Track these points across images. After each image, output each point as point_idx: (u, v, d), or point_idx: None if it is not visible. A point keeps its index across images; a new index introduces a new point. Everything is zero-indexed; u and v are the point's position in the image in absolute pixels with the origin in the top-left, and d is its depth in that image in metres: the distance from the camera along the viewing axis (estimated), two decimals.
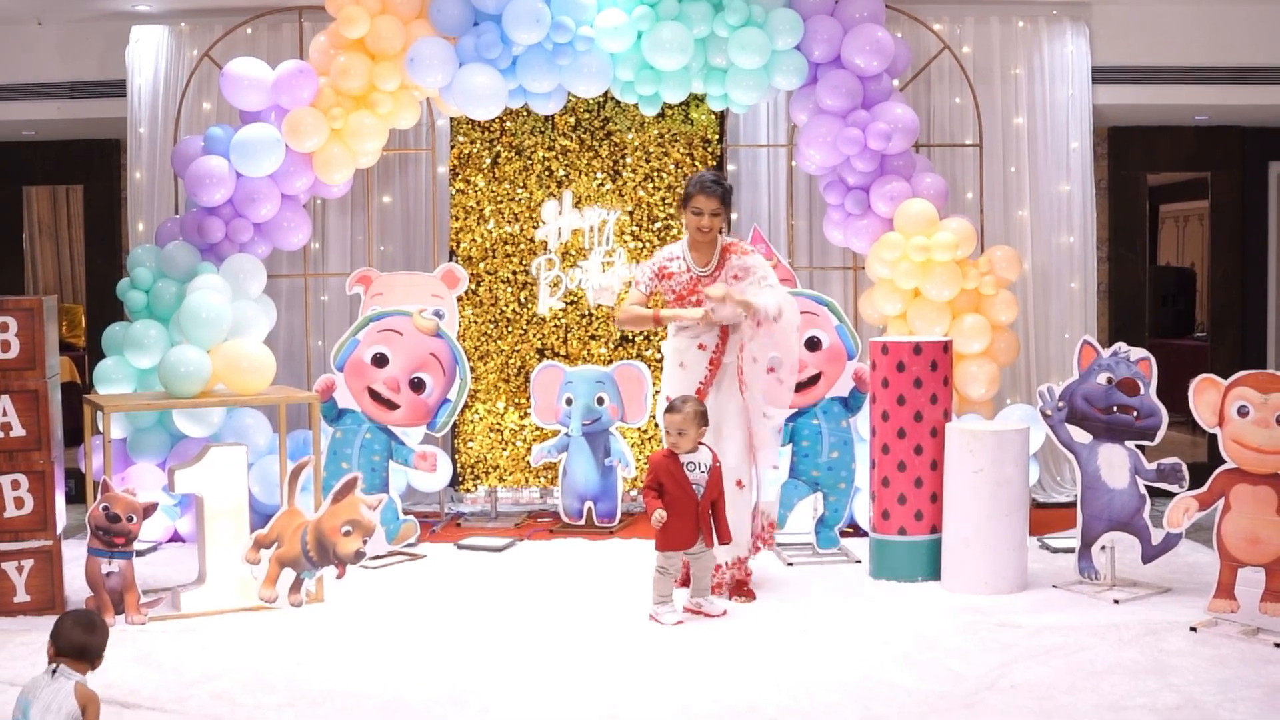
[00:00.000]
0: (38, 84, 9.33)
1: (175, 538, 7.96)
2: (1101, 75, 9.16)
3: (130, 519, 6.14)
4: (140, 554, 7.43)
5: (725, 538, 6.30)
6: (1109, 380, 6.57)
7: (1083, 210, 9.15)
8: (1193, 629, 5.87)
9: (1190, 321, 15.62)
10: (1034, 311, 9.14)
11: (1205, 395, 6.00)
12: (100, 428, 6.89)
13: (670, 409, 6.23)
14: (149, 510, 6.22)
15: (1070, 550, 7.16)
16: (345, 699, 5.10)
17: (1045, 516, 8.23)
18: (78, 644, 4.23)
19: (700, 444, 6.24)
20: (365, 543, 6.48)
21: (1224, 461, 5.96)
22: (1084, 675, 5.29)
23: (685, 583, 6.43)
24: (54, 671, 4.18)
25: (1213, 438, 6.09)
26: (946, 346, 6.96)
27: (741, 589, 6.55)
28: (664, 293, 6.62)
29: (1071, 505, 8.48)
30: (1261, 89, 9.27)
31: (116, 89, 9.23)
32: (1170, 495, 6.33)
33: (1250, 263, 10.44)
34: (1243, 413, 5.85)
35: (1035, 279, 9.12)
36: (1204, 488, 6.01)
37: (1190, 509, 6.07)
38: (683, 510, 6.14)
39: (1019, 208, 9.13)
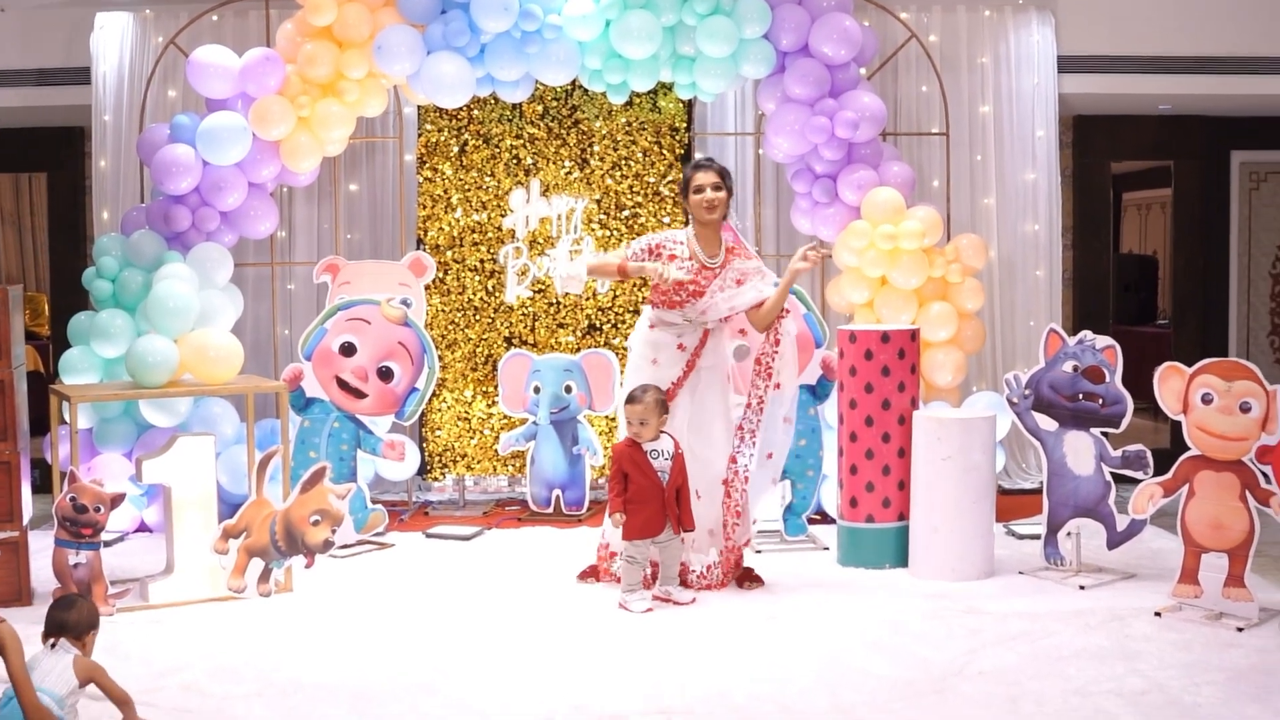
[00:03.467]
0: (1, 71, 9.23)
1: (142, 528, 7.94)
2: (1067, 65, 9.19)
3: (98, 510, 6.10)
4: (107, 544, 7.44)
5: (689, 524, 6.32)
6: (1075, 368, 6.62)
7: (1048, 198, 9.19)
8: (1157, 614, 5.93)
9: (1153, 309, 15.75)
10: (999, 299, 9.18)
11: (1170, 383, 6.05)
12: (67, 418, 6.85)
13: (630, 399, 6.24)
14: (116, 501, 6.19)
15: (1036, 537, 7.21)
16: (315, 689, 5.10)
17: (1011, 503, 8.29)
18: (58, 621, 4.59)
19: (662, 432, 6.25)
20: (334, 532, 6.46)
21: (1187, 448, 6.01)
22: (1051, 661, 5.33)
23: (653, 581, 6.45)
24: (53, 645, 4.55)
25: (1175, 424, 6.15)
26: (914, 334, 6.99)
27: (750, 575, 6.58)
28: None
29: (1036, 492, 8.57)
30: (1224, 79, 9.33)
31: (81, 76, 9.15)
32: (1135, 482, 6.38)
33: (1212, 251, 10.52)
34: (1207, 400, 5.90)
35: (1001, 267, 9.16)
36: (1168, 474, 6.06)
37: (1155, 495, 6.12)
38: (649, 498, 6.16)
39: (985, 196, 9.17)
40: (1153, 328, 14.06)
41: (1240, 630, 5.68)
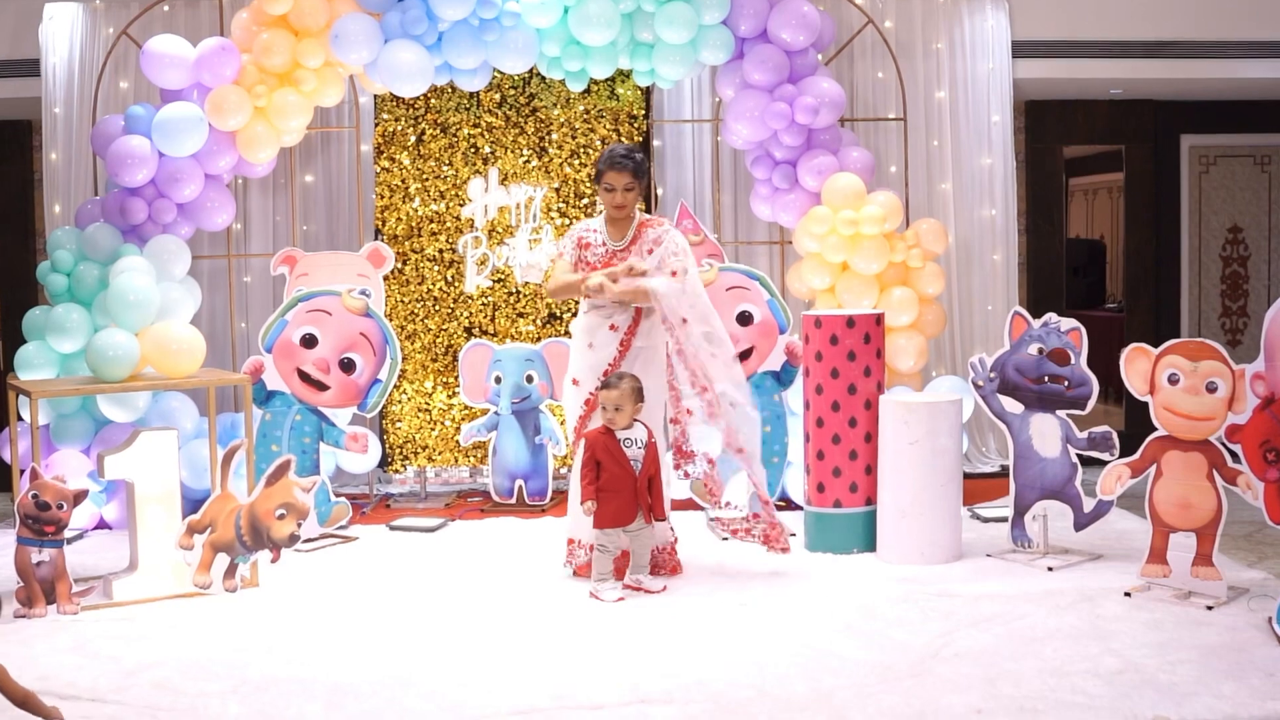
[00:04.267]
0: None
1: (102, 524, 7.83)
2: (1021, 50, 9.23)
3: (60, 506, 6.01)
4: (67, 542, 7.35)
5: (661, 513, 6.30)
6: (1040, 350, 6.65)
7: (1004, 183, 9.23)
8: (1127, 594, 5.97)
9: (1101, 293, 15.87)
10: (957, 284, 9.21)
11: (1136, 364, 6.09)
12: (24, 415, 6.74)
13: (606, 385, 6.20)
14: (79, 497, 6.09)
15: (1001, 520, 7.26)
16: (290, 684, 5.03)
17: (974, 486, 8.29)
18: None
19: (635, 420, 6.23)
20: (300, 526, 6.40)
21: (1149, 430, 6.05)
22: (1025, 642, 5.35)
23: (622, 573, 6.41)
24: None
25: (1131, 406, 6.19)
26: (879, 319, 7.00)
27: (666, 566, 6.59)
28: (583, 264, 6.53)
29: (998, 475, 8.65)
30: (1174, 63, 9.40)
31: (29, 68, 9.00)
32: (1100, 463, 6.43)
33: (1163, 234, 10.60)
34: (1173, 380, 5.94)
35: (959, 252, 9.19)
36: (1136, 455, 6.10)
37: (1122, 476, 6.16)
38: (621, 487, 6.13)
39: (941, 181, 9.20)
40: (1103, 311, 14.16)
41: (1210, 609, 5.72)
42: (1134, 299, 10.65)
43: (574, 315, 8.29)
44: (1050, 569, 6.49)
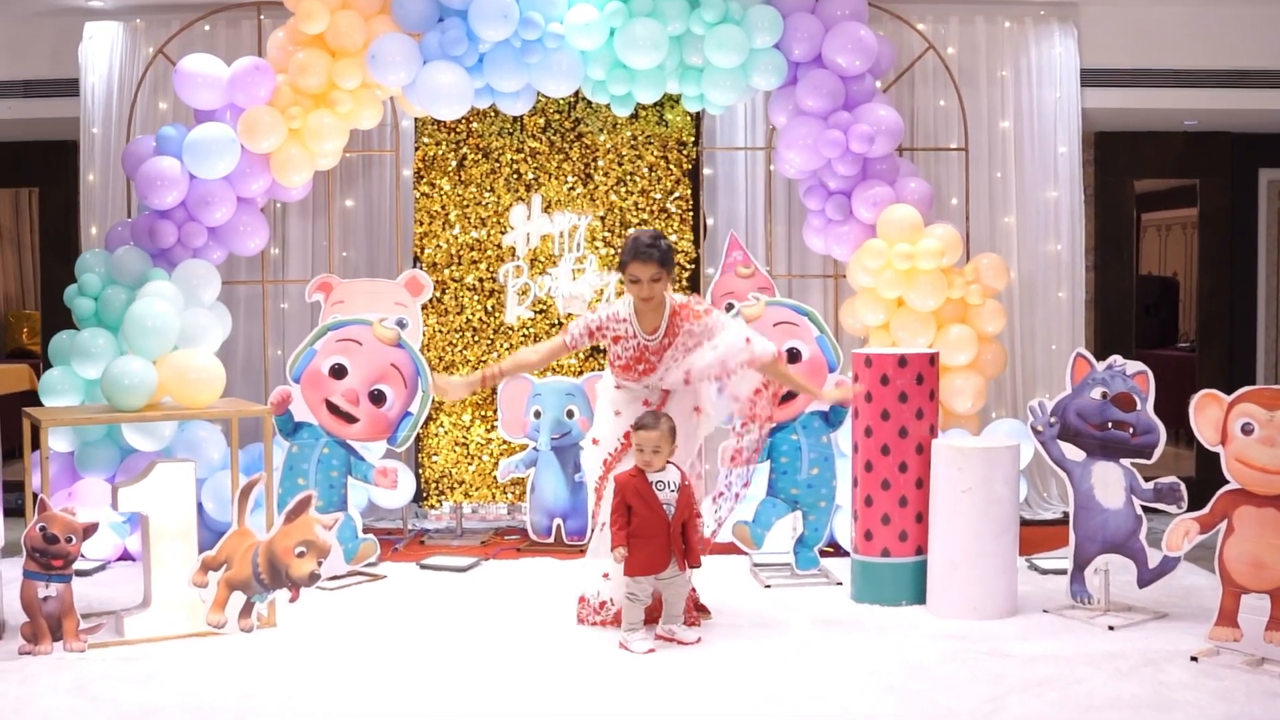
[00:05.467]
0: None
1: (125, 556, 7.60)
2: (1089, 78, 8.89)
3: (69, 540, 5.77)
4: (86, 574, 7.15)
5: (695, 561, 5.97)
6: (1104, 395, 6.27)
7: (1070, 217, 8.87)
8: (1194, 659, 5.56)
9: (1174, 331, 15.42)
10: (1019, 322, 8.86)
11: (1207, 412, 5.69)
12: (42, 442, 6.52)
13: (642, 426, 5.87)
14: (89, 531, 5.85)
15: (1060, 571, 6.89)
16: None
17: (1032, 535, 7.89)
18: None
19: (669, 462, 5.91)
20: (320, 564, 6.13)
21: (1216, 476, 5.66)
22: (1081, 710, 4.97)
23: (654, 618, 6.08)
24: None
25: (1201, 451, 5.81)
26: (933, 359, 6.64)
27: (698, 606, 6.28)
28: (615, 355, 6.17)
29: (1059, 523, 8.26)
30: (1253, 93, 9.05)
31: (70, 88, 8.89)
32: (1166, 514, 6.04)
33: (1238, 272, 10.19)
34: (1247, 430, 5.55)
35: (1021, 288, 8.84)
36: (1206, 509, 5.69)
37: (1191, 532, 5.75)
38: (653, 532, 5.80)
39: (1005, 214, 8.85)
40: (1174, 350, 13.73)
41: None
42: (1207, 340, 10.22)
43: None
44: (1111, 628, 6.08)
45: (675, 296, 6.14)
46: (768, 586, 6.90)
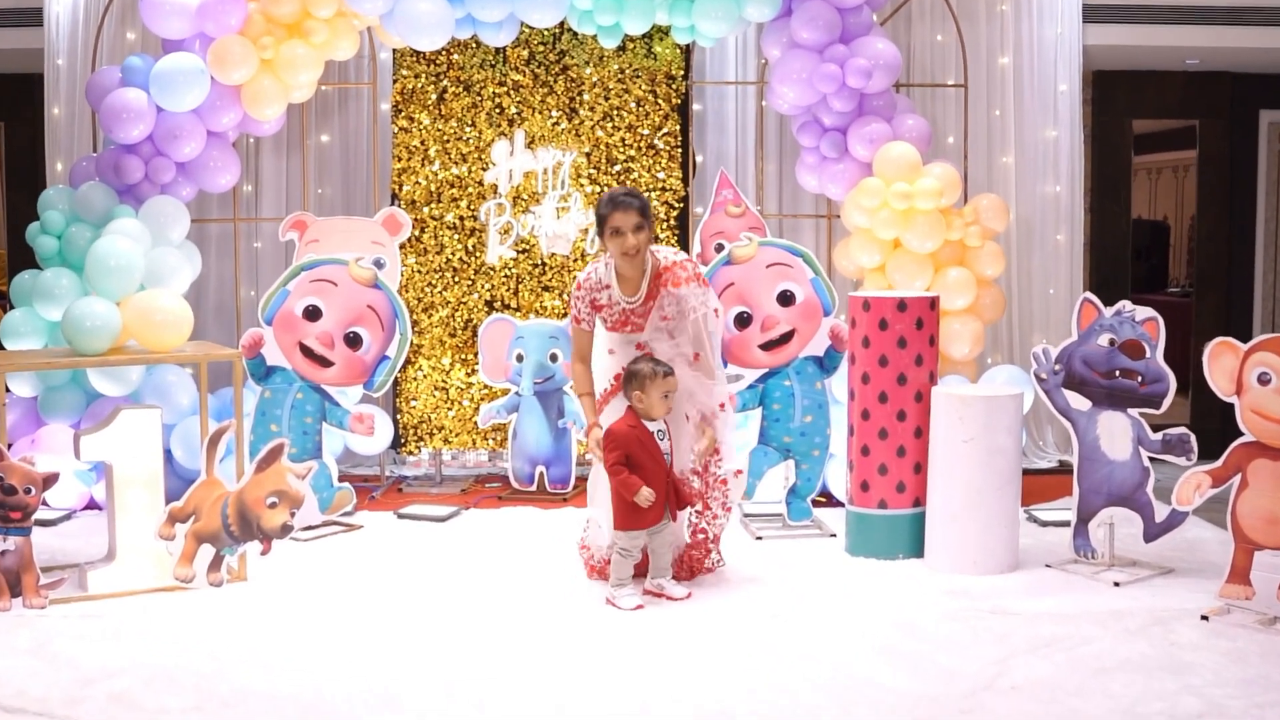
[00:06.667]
0: None
1: (91, 505, 7.33)
2: (1091, 14, 8.61)
3: (28, 491, 5.49)
4: (50, 524, 6.89)
5: (688, 501, 5.72)
6: (1111, 342, 6.01)
7: (1070, 158, 8.63)
8: (1204, 618, 5.34)
9: (1164, 276, 15.25)
10: (1017, 265, 8.63)
11: (1221, 360, 5.44)
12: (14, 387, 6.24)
13: (654, 374, 5.55)
14: (49, 481, 5.57)
15: (1061, 524, 6.70)
16: (261, 700, 4.49)
17: (1030, 484, 7.57)
18: None
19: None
20: (293, 515, 5.87)
21: (1210, 423, 5.43)
22: (1091, 673, 4.74)
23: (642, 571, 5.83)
24: None
25: (1199, 398, 5.59)
26: (934, 303, 6.37)
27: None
28: (603, 317, 5.86)
29: (1057, 471, 8.07)
30: (1255, 30, 8.76)
31: (33, 18, 8.54)
32: (1170, 465, 5.85)
33: (1237, 217, 9.93)
34: (1263, 380, 5.30)
35: (1019, 230, 8.60)
36: (1218, 462, 5.46)
37: (1202, 485, 5.52)
38: (654, 484, 5.52)
39: (1003, 154, 8.60)
40: (1165, 295, 13.55)
41: None
42: (1205, 285, 9.97)
43: None
44: (1116, 584, 5.86)
45: (664, 254, 5.81)
46: (759, 538, 6.66)
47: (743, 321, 6.61)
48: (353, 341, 7.03)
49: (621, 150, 7.98)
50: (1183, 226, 15.33)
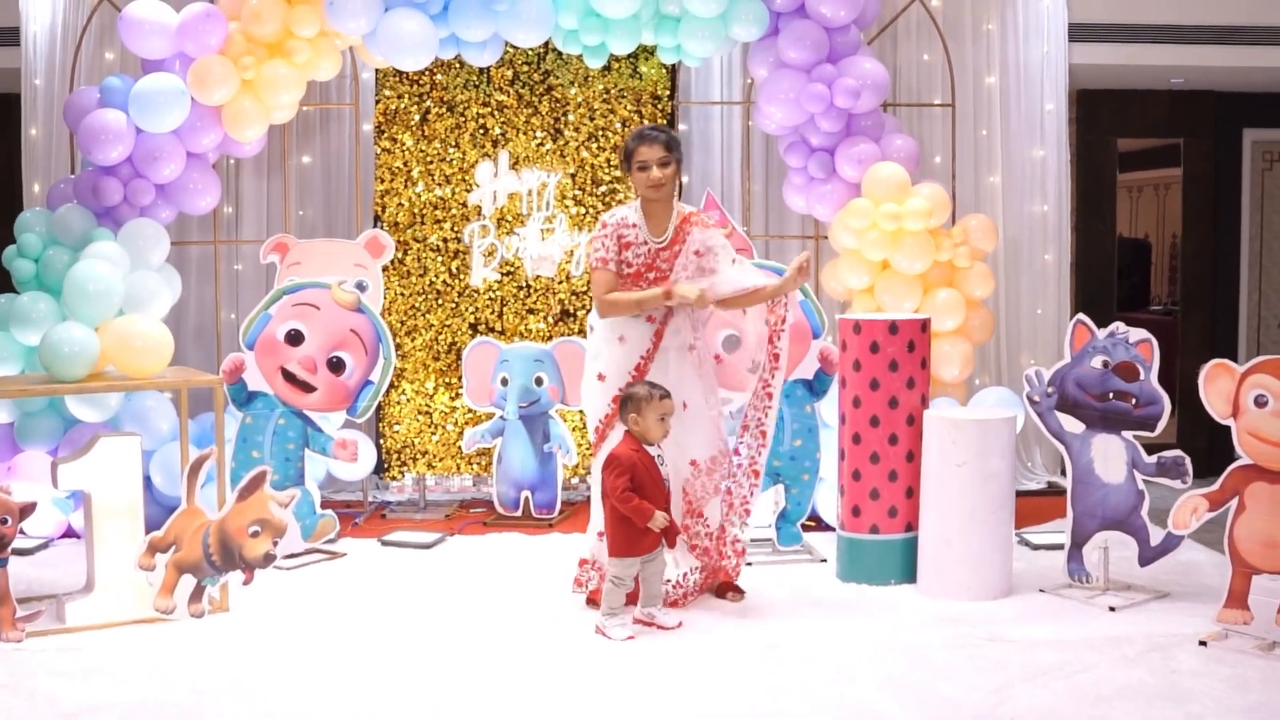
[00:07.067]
0: None
1: (69, 533, 7.20)
2: (1077, 34, 8.56)
3: (4, 521, 5.37)
4: (27, 552, 6.76)
5: (679, 530, 5.64)
6: (1105, 364, 5.94)
7: (1057, 177, 8.58)
8: (1202, 643, 5.27)
9: (1146, 295, 15.22)
10: (1005, 285, 8.55)
11: (1218, 383, 5.38)
12: None
13: (650, 396, 5.48)
14: (26, 511, 5.45)
15: (1053, 547, 6.63)
16: None
17: (1019, 506, 7.50)
18: None
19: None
20: (275, 544, 5.76)
21: (1196, 443, 5.38)
22: (1091, 702, 4.66)
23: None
24: None
25: (1185, 417, 5.54)
26: (925, 325, 6.30)
27: (732, 586, 6.02)
28: (625, 266, 5.82)
29: (1046, 493, 8.00)
30: (1240, 49, 8.73)
31: (10, 37, 8.40)
32: (1163, 488, 5.82)
33: (1222, 235, 9.90)
34: (1261, 402, 5.24)
35: (1006, 251, 8.54)
36: (1215, 485, 5.40)
37: (1199, 509, 5.46)
38: (657, 508, 5.44)
39: (990, 174, 8.53)
40: (1148, 314, 13.52)
41: None
42: (1190, 304, 9.93)
43: (589, 312, 7.73)
44: (1112, 609, 5.79)
45: (683, 205, 5.88)
46: (749, 564, 6.57)
47: (731, 344, 6.52)
48: (336, 366, 6.92)
49: (607, 171, 7.90)
50: (1164, 245, 15.32)
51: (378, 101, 7.98)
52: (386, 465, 8.04)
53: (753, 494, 5.97)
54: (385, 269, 7.79)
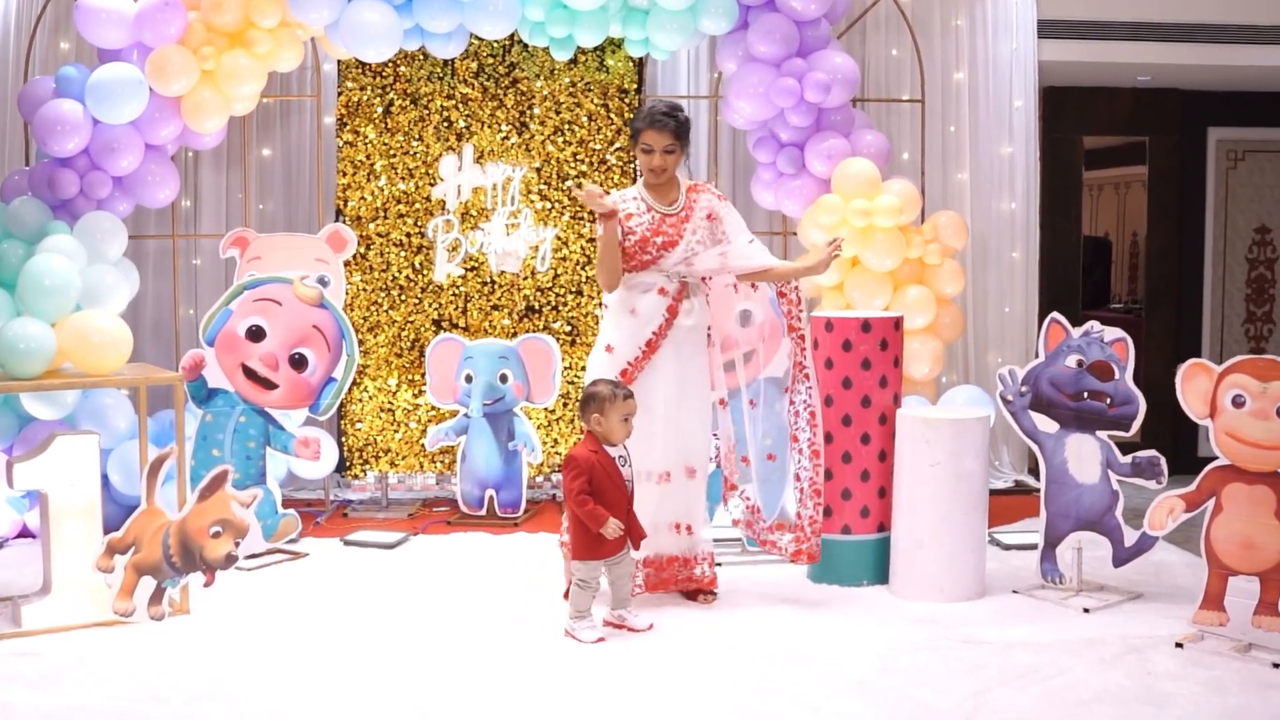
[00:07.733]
0: None
1: (25, 533, 7.04)
2: (1046, 30, 8.52)
3: None
4: None
5: (642, 533, 5.53)
6: (1079, 363, 5.90)
7: (1025, 174, 8.55)
8: (1178, 645, 5.22)
9: (1107, 293, 15.26)
10: (973, 283, 8.50)
11: (1195, 382, 5.34)
12: None
13: (614, 396, 5.38)
14: None
15: (1025, 547, 6.57)
16: None
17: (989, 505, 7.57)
18: None
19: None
20: (237, 545, 5.64)
21: (1159, 442, 5.35)
22: (1069, 706, 4.60)
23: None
24: None
25: (1150, 416, 5.52)
26: (898, 323, 6.24)
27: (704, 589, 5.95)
28: (626, 231, 5.70)
29: (1015, 492, 7.95)
30: (1208, 48, 8.71)
31: None
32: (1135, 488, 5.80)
33: (1186, 233, 9.89)
34: (1238, 403, 5.20)
35: (975, 248, 8.49)
36: (1192, 486, 5.36)
37: (1175, 510, 5.41)
38: (615, 512, 5.32)
39: (958, 170, 8.49)
40: (1110, 312, 13.54)
41: (1277, 666, 4.98)
42: (1155, 302, 9.92)
43: (554, 309, 7.66)
44: (1086, 610, 5.74)
45: (684, 178, 5.85)
46: (718, 564, 6.48)
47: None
48: (298, 363, 6.79)
49: (573, 165, 7.81)
50: (1124, 243, 15.36)
51: (340, 93, 7.86)
52: (349, 463, 7.92)
53: (818, 474, 5.90)
54: (347, 264, 7.68)
